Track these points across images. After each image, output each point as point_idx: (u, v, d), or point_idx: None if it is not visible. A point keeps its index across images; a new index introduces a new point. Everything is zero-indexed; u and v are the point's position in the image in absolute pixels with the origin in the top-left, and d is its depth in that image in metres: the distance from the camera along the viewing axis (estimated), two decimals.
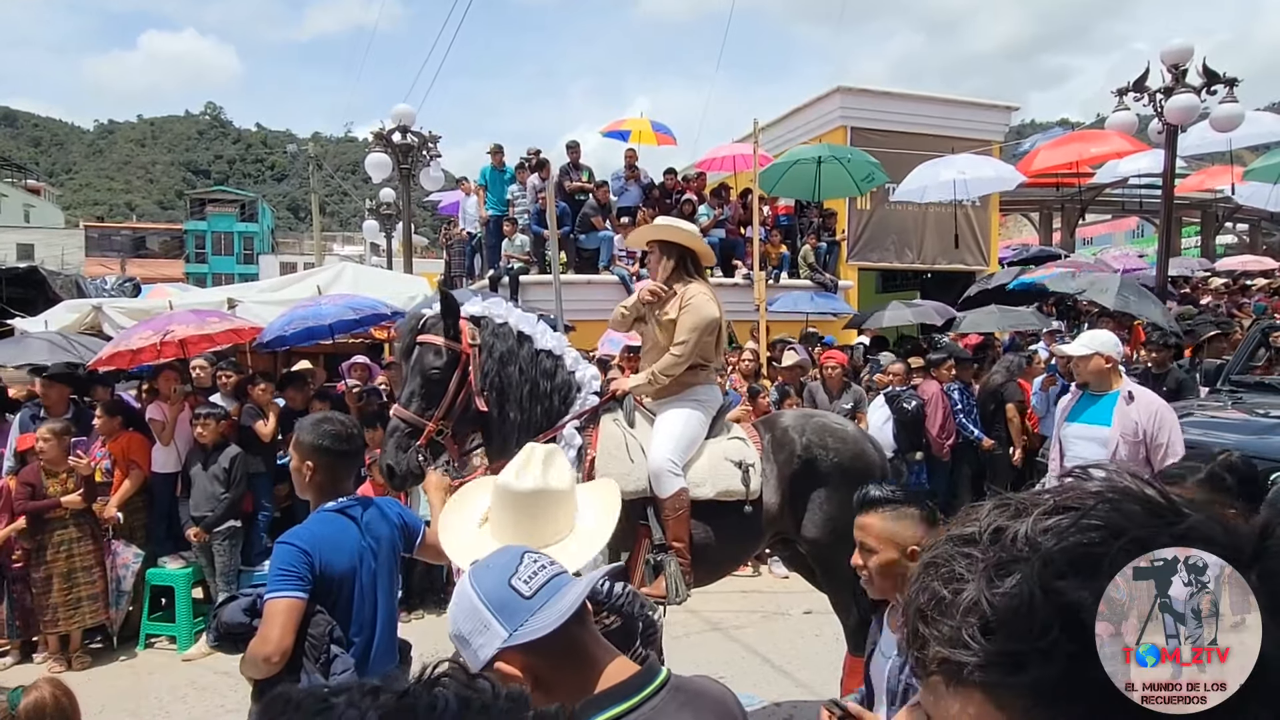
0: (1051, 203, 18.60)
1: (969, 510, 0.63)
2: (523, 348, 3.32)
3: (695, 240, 3.58)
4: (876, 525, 1.95)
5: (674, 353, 3.42)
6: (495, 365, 3.24)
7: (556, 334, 3.53)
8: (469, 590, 1.28)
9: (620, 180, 11.93)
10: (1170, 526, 0.54)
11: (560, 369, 3.39)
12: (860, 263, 13.96)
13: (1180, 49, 8.53)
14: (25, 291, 10.54)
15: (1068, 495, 0.57)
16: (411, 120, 11.23)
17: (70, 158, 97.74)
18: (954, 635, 0.56)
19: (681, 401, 3.50)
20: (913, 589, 0.61)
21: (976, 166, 10.88)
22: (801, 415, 3.77)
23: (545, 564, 1.30)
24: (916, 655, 0.60)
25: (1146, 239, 25.13)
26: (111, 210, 71.11)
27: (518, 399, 3.28)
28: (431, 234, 33.79)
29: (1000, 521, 0.58)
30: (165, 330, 5.83)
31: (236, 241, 45.51)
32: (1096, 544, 0.53)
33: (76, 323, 8.07)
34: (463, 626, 1.26)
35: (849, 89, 13.89)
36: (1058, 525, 0.55)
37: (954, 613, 0.56)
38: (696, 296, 3.43)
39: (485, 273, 11.81)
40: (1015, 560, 0.55)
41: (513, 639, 1.20)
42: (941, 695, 0.58)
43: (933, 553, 0.61)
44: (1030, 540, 0.55)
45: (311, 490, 2.42)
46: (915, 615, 0.60)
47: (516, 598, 1.24)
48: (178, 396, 5.81)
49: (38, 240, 37.05)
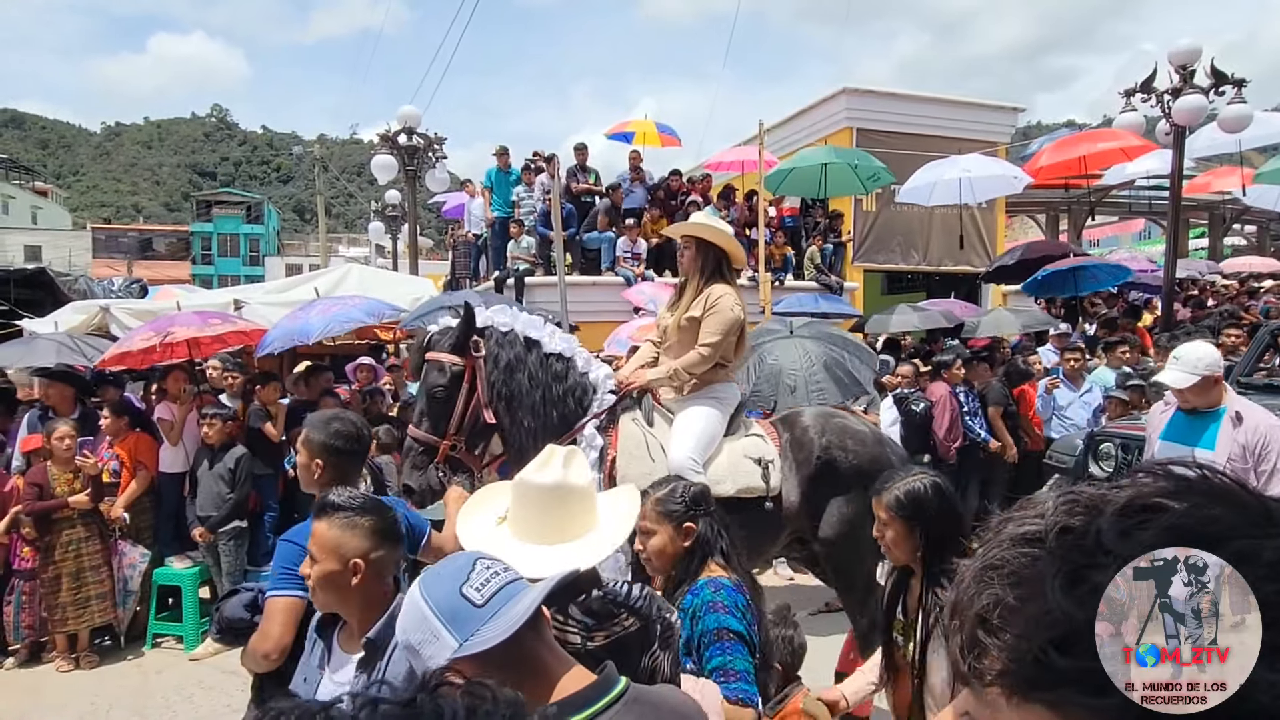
0: (1058, 204, 18.55)
1: (1026, 506, 0.58)
2: (531, 354, 3.32)
3: (731, 242, 3.58)
4: (323, 533, 1.84)
5: (701, 352, 3.43)
6: (502, 375, 3.25)
7: (566, 335, 3.52)
8: (418, 599, 1.24)
9: (625, 182, 11.94)
10: (1273, 535, 0.50)
11: (572, 371, 3.38)
12: (866, 264, 13.94)
13: (1188, 49, 8.49)
14: (33, 293, 10.57)
15: (1145, 492, 0.53)
16: (417, 122, 11.24)
17: (77, 160, 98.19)
18: (1022, 647, 0.51)
19: (700, 399, 3.50)
20: (968, 592, 0.56)
21: (983, 167, 10.86)
22: (821, 415, 3.74)
23: (498, 571, 1.27)
24: (973, 665, 0.55)
25: (1154, 240, 25.03)
26: (118, 212, 71.46)
27: (530, 406, 3.28)
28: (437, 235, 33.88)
29: (1069, 520, 0.53)
30: (165, 331, 5.84)
31: (242, 243, 45.64)
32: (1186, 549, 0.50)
33: (84, 324, 8.09)
34: (412, 636, 1.24)
35: (855, 90, 13.89)
36: (1140, 528, 0.51)
37: (1021, 622, 0.52)
38: (724, 298, 3.44)
39: (490, 274, 11.83)
40: (1091, 566, 0.51)
41: (462, 649, 1.18)
42: (1000, 710, 0.53)
43: (990, 552, 0.56)
44: (1107, 544, 0.51)
45: (318, 488, 2.42)
46: (975, 621, 0.54)
47: (468, 606, 1.21)
48: (186, 397, 5.83)
49: (45, 242, 37.22)
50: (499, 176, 11.91)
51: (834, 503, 3.47)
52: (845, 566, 3.53)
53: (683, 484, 2.25)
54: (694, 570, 2.13)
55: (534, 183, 11.52)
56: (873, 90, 14.27)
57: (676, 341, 3.56)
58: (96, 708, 4.49)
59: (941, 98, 14.86)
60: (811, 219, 12.65)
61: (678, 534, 2.15)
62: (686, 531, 2.15)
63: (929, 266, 14.40)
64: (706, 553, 2.15)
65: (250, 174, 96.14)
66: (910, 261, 14.26)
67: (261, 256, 44.98)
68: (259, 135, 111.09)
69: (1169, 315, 9.07)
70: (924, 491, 2.09)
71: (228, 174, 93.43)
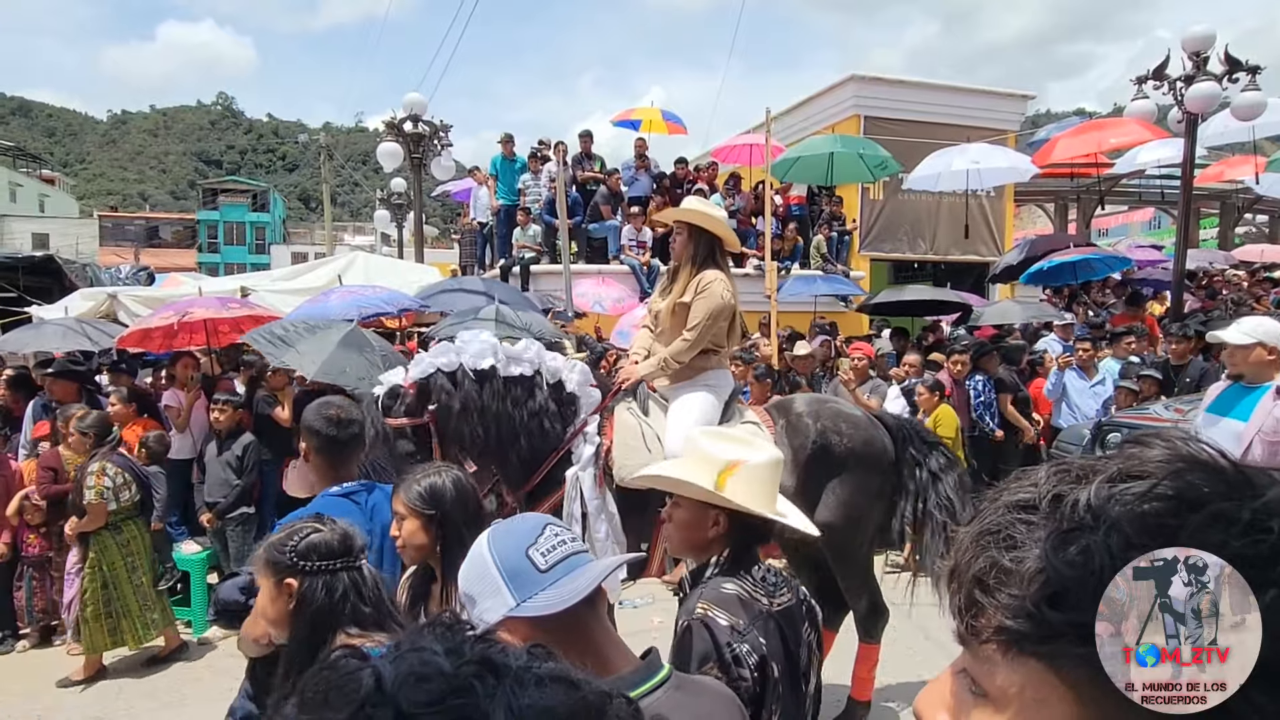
0: (1067, 193, 18.40)
1: (1020, 476, 0.61)
2: (486, 387, 3.19)
3: (724, 227, 3.56)
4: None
5: (685, 337, 3.43)
6: (456, 423, 3.13)
7: (526, 346, 3.35)
8: (485, 552, 1.26)
9: (631, 170, 11.90)
10: (1249, 499, 0.52)
11: (538, 390, 3.30)
12: (872, 253, 13.88)
13: (1202, 36, 8.39)
14: (41, 280, 10.64)
15: (1131, 462, 0.56)
16: (423, 109, 11.21)
17: (84, 148, 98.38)
18: (1016, 604, 0.55)
19: (694, 386, 3.51)
20: (965, 555, 0.59)
21: (990, 156, 10.80)
22: (814, 401, 3.77)
23: (566, 539, 1.27)
24: (970, 624, 0.58)
25: (1164, 230, 24.85)
26: (125, 200, 71.57)
27: (501, 439, 3.20)
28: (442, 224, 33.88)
29: (1059, 488, 0.56)
30: (185, 311, 5.93)
31: (248, 231, 45.73)
32: (1169, 514, 0.52)
33: (92, 310, 8.14)
34: (473, 586, 1.26)
35: (863, 78, 13.79)
36: (1125, 493, 0.53)
37: (1016, 581, 0.55)
38: (713, 283, 3.42)
39: (496, 262, 11.82)
40: (1079, 529, 0.54)
41: (519, 609, 1.19)
42: (996, 664, 0.57)
43: (986, 519, 0.59)
44: (1094, 508, 0.54)
45: (315, 473, 2.47)
46: (972, 582, 0.58)
47: (531, 568, 1.22)
48: (194, 384, 5.86)
49: (53, 230, 37.30)
50: (504, 164, 11.88)
51: (830, 486, 3.49)
52: (843, 549, 3.53)
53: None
54: None
55: (539, 170, 11.50)
56: (881, 78, 14.17)
57: (669, 327, 3.56)
58: (107, 691, 4.53)
59: (950, 85, 14.74)
60: (817, 207, 12.60)
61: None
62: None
63: (936, 256, 14.32)
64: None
65: (256, 162, 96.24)
66: (917, 251, 14.19)
67: (267, 245, 45.05)
68: (264, 123, 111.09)
69: (1178, 305, 9.01)
70: (444, 486, 2.04)
71: (233, 162, 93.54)
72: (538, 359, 3.34)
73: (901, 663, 4.27)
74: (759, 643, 1.63)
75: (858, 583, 3.60)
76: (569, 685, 0.59)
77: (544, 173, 11.39)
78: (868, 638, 3.67)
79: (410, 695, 0.53)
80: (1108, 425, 5.72)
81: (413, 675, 0.55)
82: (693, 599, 1.71)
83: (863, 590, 3.62)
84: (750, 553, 1.82)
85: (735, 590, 1.71)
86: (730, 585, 1.72)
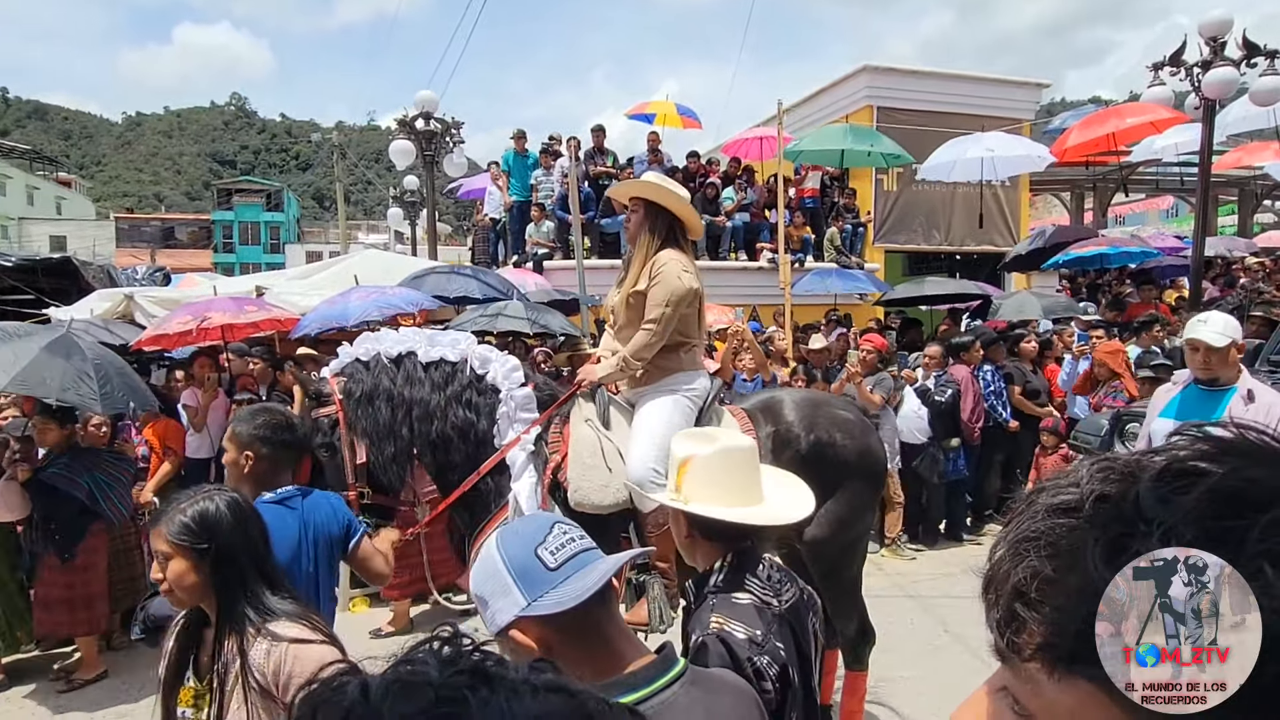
0: (1083, 182, 18.20)
1: (1060, 477, 0.57)
2: (399, 371, 3.01)
3: (683, 205, 3.12)
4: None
5: (646, 328, 3.00)
6: (356, 409, 2.97)
7: (459, 337, 3.16)
8: (494, 552, 1.26)
9: (644, 164, 11.88)
10: None
11: (459, 375, 3.04)
12: (887, 245, 13.80)
13: (1219, 20, 8.27)
14: (59, 282, 10.73)
15: (1180, 457, 0.52)
16: (435, 107, 11.23)
17: (99, 150, 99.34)
18: (1063, 619, 0.51)
19: (661, 391, 3.07)
20: (1002, 564, 0.55)
21: (1005, 145, 10.69)
22: (805, 404, 3.34)
23: (575, 537, 1.27)
24: (1011, 640, 0.54)
25: (1182, 218, 24.54)
26: (140, 201, 72.25)
27: (397, 429, 2.96)
28: (455, 221, 33.96)
29: (1104, 488, 0.52)
30: (203, 316, 5.96)
31: (263, 231, 46.05)
32: (1232, 515, 0.48)
33: (109, 311, 8.20)
34: (483, 587, 1.25)
35: (876, 68, 13.69)
36: (1179, 494, 0.50)
37: (1061, 592, 0.51)
38: (668, 265, 3.00)
39: (509, 258, 11.85)
40: (1131, 534, 0.50)
41: (530, 609, 1.18)
42: (1041, 684, 0.53)
43: (1024, 524, 0.55)
44: (1144, 511, 0.50)
45: (249, 482, 2.40)
46: (1011, 594, 0.54)
47: (540, 567, 1.21)
48: (211, 384, 5.91)
49: (70, 231, 37.77)
50: (517, 160, 11.90)
51: (823, 501, 3.09)
52: (833, 568, 3.22)
53: None
54: None
55: (551, 166, 11.50)
56: (894, 68, 14.06)
57: (626, 322, 3.13)
58: (128, 686, 4.60)
59: (964, 74, 14.62)
60: (830, 199, 12.54)
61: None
62: None
63: (951, 246, 14.22)
64: None
65: (270, 162, 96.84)
66: (932, 242, 14.09)
67: (282, 244, 45.36)
68: (277, 123, 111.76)
69: (1197, 293, 8.91)
70: (217, 512, 1.74)
71: (247, 162, 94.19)
72: (462, 349, 3.09)
73: (922, 657, 4.27)
74: (778, 651, 1.58)
75: (846, 603, 3.31)
76: (567, 694, 0.57)
77: (556, 168, 11.40)
78: (856, 664, 3.37)
79: (396, 706, 0.52)
80: (1126, 415, 5.66)
81: (399, 684, 0.54)
82: (705, 613, 1.63)
83: (852, 612, 3.35)
84: (751, 554, 1.74)
85: (749, 599, 1.64)
86: (742, 595, 1.64)
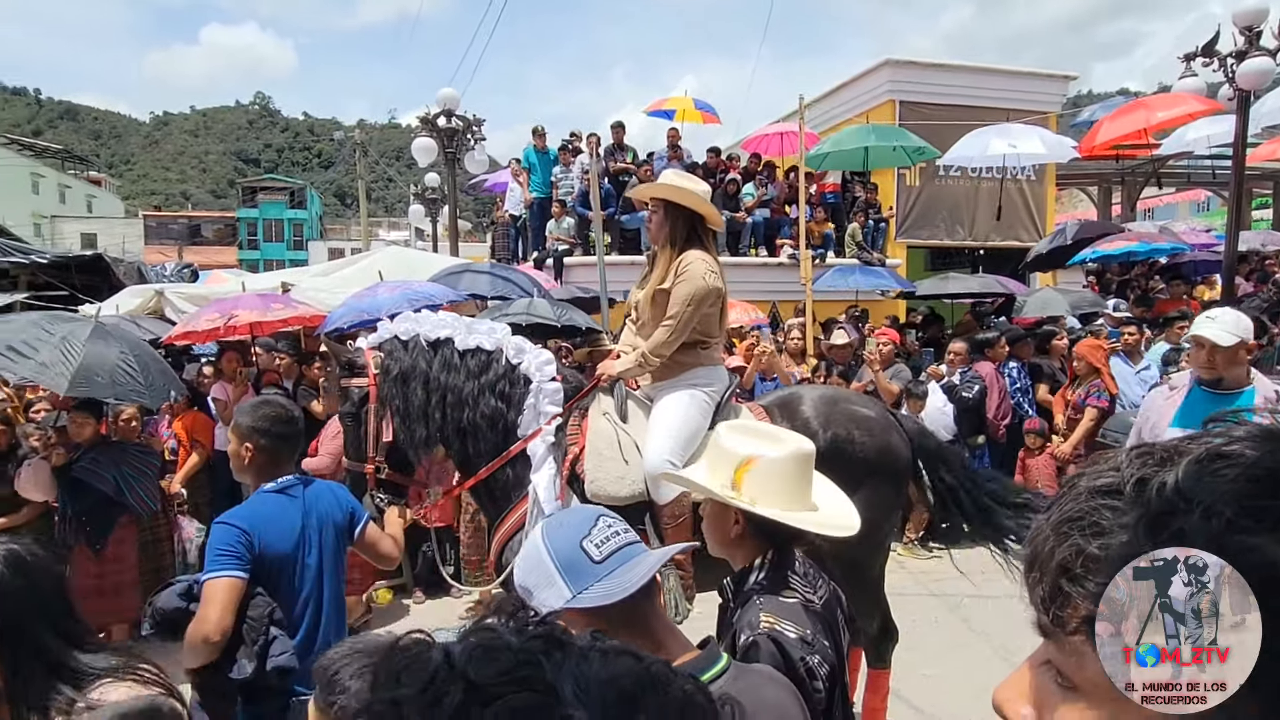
0: (1111, 175, 17.90)
1: (1099, 460, 0.59)
2: (436, 355, 3.07)
3: (703, 203, 3.17)
4: None
5: (665, 325, 3.05)
6: (391, 387, 3.02)
7: (496, 327, 3.22)
8: (540, 543, 1.27)
9: (663, 160, 11.85)
10: None
11: (495, 364, 3.09)
12: (909, 240, 13.65)
13: (1254, 9, 8.09)
14: (91, 278, 10.95)
15: (1218, 442, 0.54)
16: (456, 104, 11.28)
17: (128, 149, 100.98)
18: None
19: (680, 386, 3.12)
20: (1046, 544, 0.58)
21: (1027, 138, 10.53)
22: (824, 401, 3.33)
23: (619, 531, 1.28)
24: (1056, 615, 0.57)
25: (1213, 212, 24.08)
26: (167, 199, 73.40)
27: (430, 413, 3.01)
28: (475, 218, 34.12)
29: (1144, 471, 0.55)
30: (230, 314, 6.07)
31: (286, 228, 46.62)
32: (1270, 494, 0.50)
33: (140, 307, 8.36)
34: (529, 578, 1.27)
35: (898, 61, 13.54)
36: (1218, 474, 0.52)
37: (1106, 567, 0.53)
38: (693, 264, 3.05)
39: (530, 255, 11.88)
40: (1172, 512, 0.52)
41: (575, 601, 1.20)
42: (1085, 656, 0.55)
43: (1067, 506, 0.58)
44: (1184, 491, 0.52)
45: (250, 472, 2.44)
46: (1056, 571, 0.56)
47: (585, 560, 1.22)
48: (241, 378, 6.00)
49: (100, 229, 38.43)
50: (537, 157, 11.93)
51: None
52: (856, 567, 3.17)
53: None
54: None
55: (571, 163, 11.52)
56: (916, 61, 13.89)
57: (649, 318, 3.20)
58: None
59: (988, 67, 14.40)
60: (851, 194, 12.44)
61: None
62: None
63: (975, 242, 14.03)
64: None
65: (293, 160, 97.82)
66: (955, 237, 13.92)
67: (305, 241, 45.91)
68: (300, 122, 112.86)
69: (1230, 289, 8.74)
70: None
71: (271, 160, 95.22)
72: (498, 339, 3.15)
73: (946, 655, 4.27)
74: (827, 650, 1.57)
75: (869, 601, 3.30)
76: (634, 658, 0.60)
77: (575, 165, 11.41)
78: (879, 662, 3.37)
79: (479, 669, 0.55)
80: None
81: (481, 648, 0.57)
82: (752, 612, 1.59)
83: (874, 610, 3.34)
84: (790, 550, 1.73)
85: (796, 599, 1.63)
86: (789, 595, 1.63)
